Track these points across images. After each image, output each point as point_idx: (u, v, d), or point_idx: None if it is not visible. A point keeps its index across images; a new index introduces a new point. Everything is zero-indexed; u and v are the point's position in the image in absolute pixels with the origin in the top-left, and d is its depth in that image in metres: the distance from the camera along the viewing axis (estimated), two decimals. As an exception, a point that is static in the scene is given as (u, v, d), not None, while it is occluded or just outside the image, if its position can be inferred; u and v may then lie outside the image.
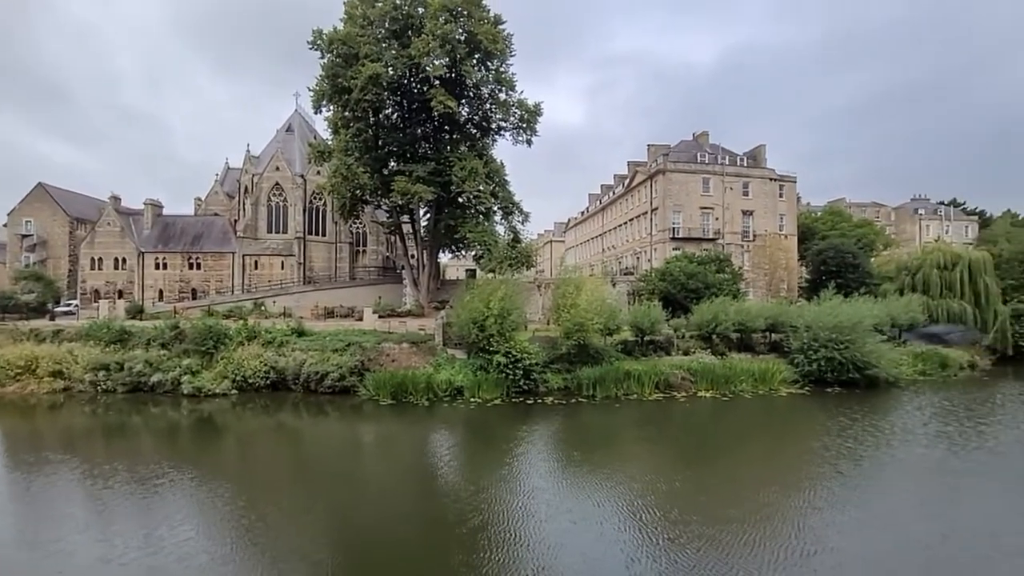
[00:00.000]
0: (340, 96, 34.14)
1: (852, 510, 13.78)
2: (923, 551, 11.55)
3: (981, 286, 41.00)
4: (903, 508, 14.18)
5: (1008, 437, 21.01)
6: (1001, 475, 17.12)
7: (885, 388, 29.70)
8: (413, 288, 39.43)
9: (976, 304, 40.54)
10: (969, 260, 42.10)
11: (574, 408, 25.30)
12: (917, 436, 21.28)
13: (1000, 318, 40.32)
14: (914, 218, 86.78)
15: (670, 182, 50.95)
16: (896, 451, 19.44)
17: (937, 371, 34.37)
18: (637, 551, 11.36)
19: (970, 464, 17.97)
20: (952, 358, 35.93)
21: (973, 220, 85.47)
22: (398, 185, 32.52)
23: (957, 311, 40.06)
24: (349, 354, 27.97)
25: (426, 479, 16.98)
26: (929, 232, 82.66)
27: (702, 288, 37.24)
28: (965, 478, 16.70)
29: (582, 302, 28.32)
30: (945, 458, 18.59)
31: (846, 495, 14.94)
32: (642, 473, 16.79)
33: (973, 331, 39.70)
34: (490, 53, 33.35)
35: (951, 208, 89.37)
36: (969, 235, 79.26)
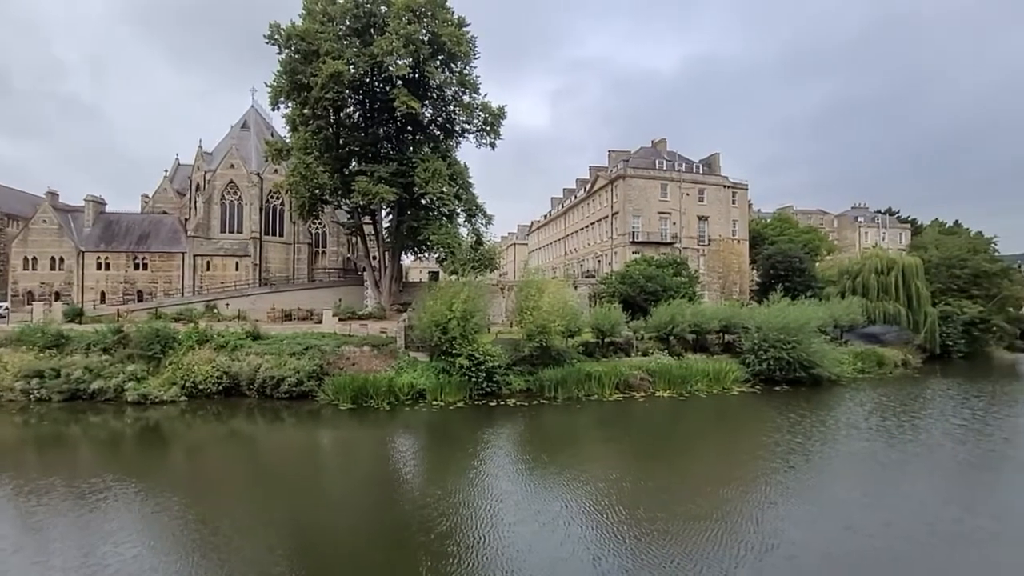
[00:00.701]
0: (299, 93, 33.25)
1: (804, 503, 14.65)
2: (868, 539, 12.33)
3: (913, 290, 44.06)
4: (849, 499, 15.10)
5: (938, 430, 22.75)
6: (934, 465, 18.56)
7: (828, 386, 31.50)
8: (375, 290, 38.78)
9: (909, 306, 43.54)
10: (903, 265, 45.18)
11: (536, 409, 25.57)
12: (860, 430, 22.72)
13: (929, 320, 43.49)
14: (854, 225, 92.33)
15: (630, 187, 52.25)
16: (841, 445, 20.70)
17: (875, 369, 36.73)
18: (606, 550, 11.62)
19: (906, 456, 19.35)
20: (888, 357, 38.49)
21: (906, 228, 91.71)
22: (359, 185, 31.95)
23: (892, 313, 42.91)
24: (307, 358, 27.26)
25: (389, 485, 16.74)
26: (868, 239, 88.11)
27: (660, 291, 38.36)
28: (903, 469, 17.98)
29: (544, 304, 28.66)
30: (884, 451, 19.94)
31: (798, 488, 15.87)
32: (607, 473, 17.14)
33: (906, 331, 42.63)
34: (454, 55, 33.27)
35: (887, 216, 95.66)
36: (903, 242, 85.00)
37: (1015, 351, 50.51)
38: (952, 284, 47.37)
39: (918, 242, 65.08)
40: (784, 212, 78.29)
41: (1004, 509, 14.65)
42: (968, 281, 47.32)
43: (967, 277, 47.43)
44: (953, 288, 47.18)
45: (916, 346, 42.54)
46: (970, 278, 47.40)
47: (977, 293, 46.92)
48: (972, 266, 47.82)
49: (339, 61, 30.71)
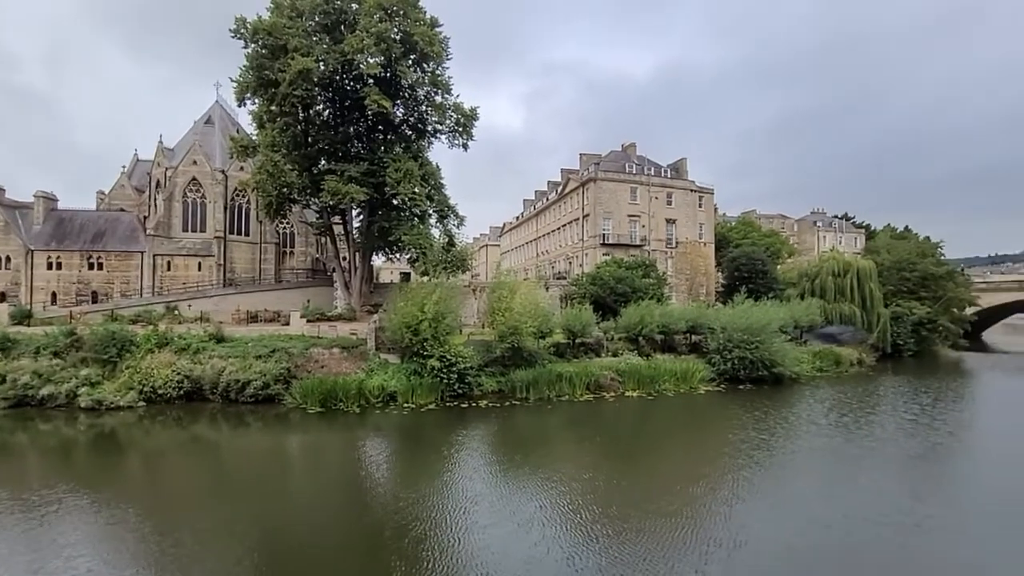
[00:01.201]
0: (266, 89, 32.42)
1: (769, 497, 15.26)
2: (827, 531, 12.97)
3: (867, 291, 46.18)
4: (810, 492, 15.85)
5: (891, 425, 23.99)
6: (887, 459, 19.54)
7: (789, 384, 32.73)
8: (344, 291, 38.14)
9: (863, 307, 45.62)
10: (857, 268, 47.32)
11: (508, 411, 25.69)
12: (820, 427, 23.77)
13: (882, 320, 45.68)
14: (813, 230, 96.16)
15: (600, 190, 53.03)
16: (802, 441, 21.64)
17: (832, 368, 38.34)
18: (581, 549, 11.77)
19: (862, 450, 20.35)
20: (844, 356, 40.25)
21: (861, 232, 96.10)
22: (329, 185, 31.38)
23: (848, 314, 44.87)
24: (274, 361, 26.63)
25: (361, 490, 16.55)
26: (825, 242, 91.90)
27: (630, 292, 39.07)
28: (859, 463, 18.90)
29: (516, 306, 28.82)
30: (842, 446, 20.94)
31: (763, 483, 16.50)
32: (579, 472, 17.38)
33: (861, 331, 44.64)
34: (426, 55, 33.07)
35: (843, 221, 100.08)
36: (858, 246, 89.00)
37: (959, 349, 53.58)
38: (902, 286, 49.82)
39: (872, 246, 68.21)
40: (748, 216, 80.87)
41: (950, 499, 15.62)
42: (917, 284, 49.87)
43: (916, 280, 49.98)
44: (903, 290, 49.64)
45: (870, 345, 44.60)
46: (919, 281, 49.96)
47: (925, 295, 49.50)
48: (921, 269, 50.42)
49: (308, 58, 30.12)
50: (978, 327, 65.04)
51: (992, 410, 29.35)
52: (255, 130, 35.82)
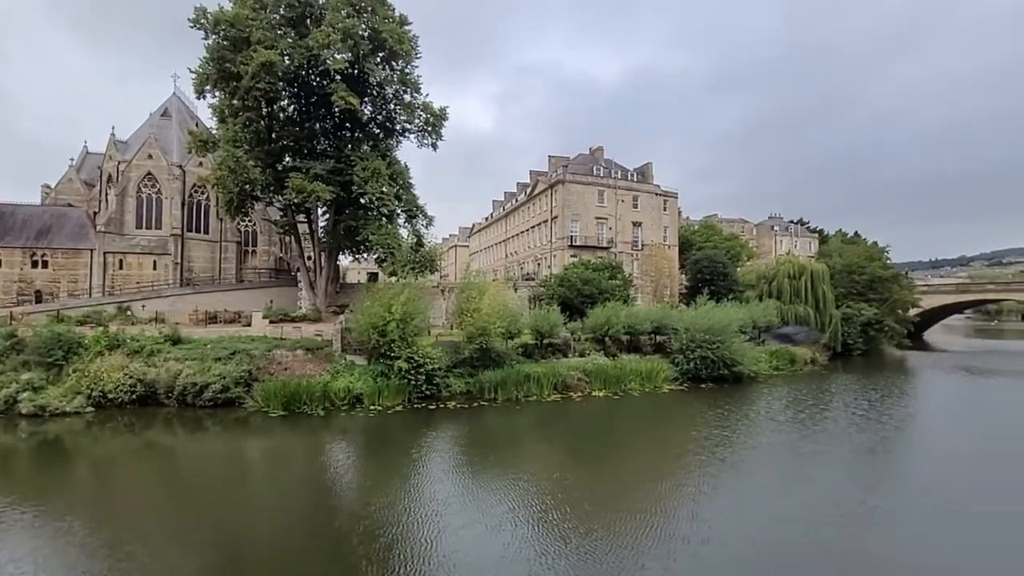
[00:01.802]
0: (228, 82, 31.41)
1: (732, 493, 15.84)
2: (788, 523, 13.59)
3: (820, 293, 48.43)
4: (771, 487, 16.57)
5: (843, 420, 25.29)
6: (841, 453, 20.58)
7: (748, 383, 33.96)
8: (309, 291, 37.29)
9: (816, 308, 47.81)
10: (811, 271, 49.57)
11: (477, 411, 25.72)
12: (778, 423, 24.86)
13: (834, 321, 47.99)
14: (771, 234, 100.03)
15: (569, 193, 53.66)
16: (762, 437, 22.55)
17: (788, 366, 40.01)
18: (554, 549, 11.88)
19: (818, 445, 21.39)
20: (799, 355, 42.06)
21: (815, 237, 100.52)
22: (293, 182, 30.64)
23: (803, 314, 46.94)
24: (235, 363, 25.82)
25: (327, 495, 16.17)
26: (782, 246, 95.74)
27: (597, 293, 39.68)
28: (815, 457, 19.94)
29: (485, 306, 28.87)
30: (799, 441, 21.98)
31: (727, 479, 17.11)
32: (550, 472, 17.56)
33: (814, 331, 46.76)
34: (395, 53, 32.76)
35: (799, 226, 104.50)
36: (812, 249, 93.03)
37: (903, 349, 56.87)
38: (852, 289, 52.45)
39: (824, 250, 71.50)
40: (710, 220, 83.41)
41: (897, 489, 16.67)
42: (865, 286, 52.61)
43: (865, 282, 52.73)
44: (853, 292, 52.26)
45: (822, 345, 46.77)
46: (867, 283, 52.73)
47: (873, 297, 52.28)
48: (869, 272, 53.24)
49: (272, 51, 29.38)
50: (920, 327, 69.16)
51: (933, 405, 31.32)
52: (215, 124, 34.67)
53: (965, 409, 30.18)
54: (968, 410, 29.93)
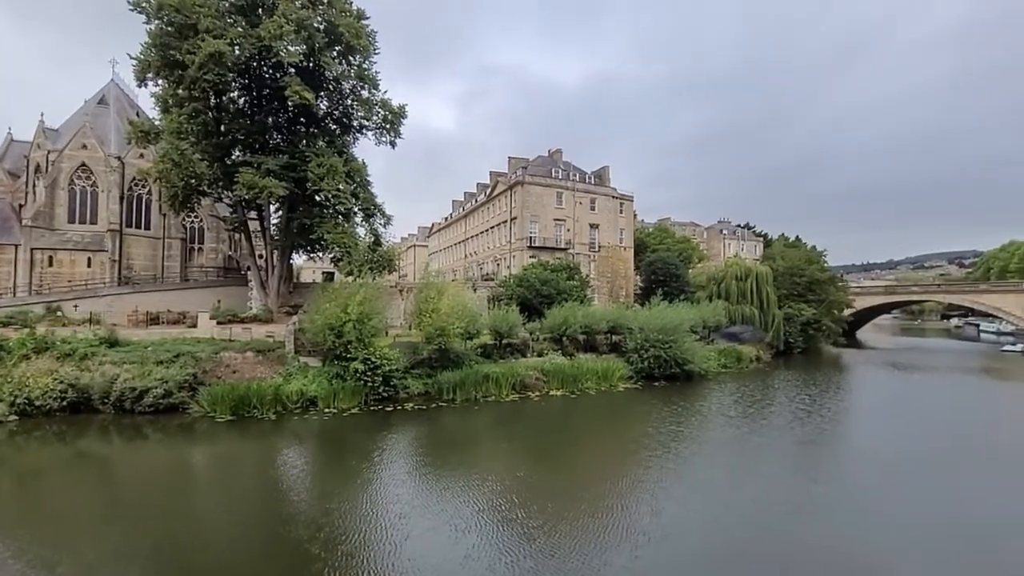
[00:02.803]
0: (172, 71, 29.81)
1: (688, 486, 16.60)
2: (740, 514, 14.32)
3: (765, 294, 51.05)
4: (723, 479, 17.39)
5: (787, 414, 26.85)
6: (785, 445, 21.93)
7: (699, 380, 35.40)
8: (261, 291, 35.92)
9: (761, 309, 50.37)
10: (756, 273, 52.18)
11: (435, 413, 25.60)
12: (729, 418, 26.14)
13: (777, 320, 50.69)
14: (720, 237, 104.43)
15: (528, 194, 54.18)
16: (712, 432, 23.65)
17: (735, 364, 41.95)
18: (520, 548, 11.96)
19: (764, 438, 22.67)
20: (745, 353, 44.19)
21: (760, 241, 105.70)
22: (244, 178, 29.42)
23: (748, 314, 49.31)
24: (178, 366, 24.62)
25: (283, 502, 15.53)
26: (730, 249, 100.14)
27: (555, 294, 40.29)
28: (763, 449, 21.12)
29: (444, 307, 28.79)
30: (747, 435, 23.18)
31: (683, 473, 17.93)
32: (512, 471, 17.71)
33: (759, 331, 49.23)
34: (352, 47, 32.06)
35: (745, 230, 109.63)
36: (757, 253, 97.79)
37: (838, 346, 60.82)
38: (794, 290, 55.58)
39: (768, 253, 75.42)
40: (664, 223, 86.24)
41: (836, 477, 17.98)
42: (805, 288, 55.87)
43: (804, 284, 55.98)
44: (794, 293, 55.38)
45: (767, 343, 49.33)
46: (807, 285, 56.00)
47: (812, 298, 55.59)
48: (808, 275, 56.56)
49: (221, 40, 28.10)
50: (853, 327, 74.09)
51: (865, 398, 33.65)
52: (159, 114, 32.85)
53: (893, 402, 32.63)
54: (895, 403, 32.38)
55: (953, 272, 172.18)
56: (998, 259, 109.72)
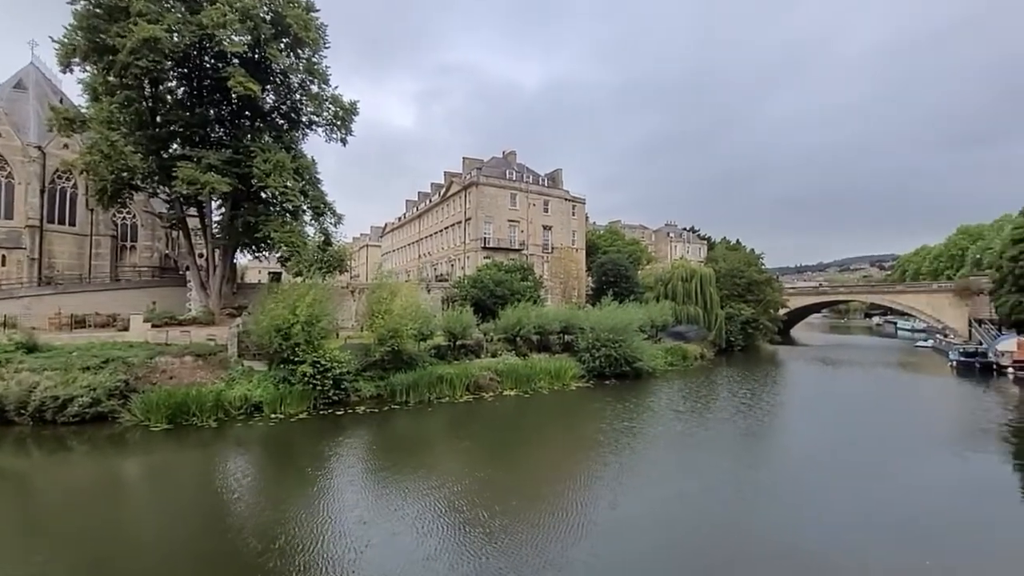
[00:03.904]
0: (101, 56, 27.85)
1: (642, 478, 17.32)
2: (692, 503, 15.15)
3: (708, 295, 53.55)
4: (675, 471, 18.30)
5: (730, 408, 28.47)
6: (729, 436, 23.33)
7: (647, 378, 36.71)
8: (201, 292, 34.12)
9: (705, 309, 52.80)
10: (701, 275, 54.68)
11: (388, 415, 25.26)
12: (676, 412, 27.37)
13: (719, 320, 53.30)
14: (667, 240, 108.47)
15: (482, 195, 54.30)
16: (662, 426, 24.67)
17: (681, 362, 43.75)
18: (484, 549, 11.99)
19: (710, 431, 23.99)
20: (690, 351, 46.18)
21: (704, 243, 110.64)
22: (183, 172, 27.84)
23: (694, 314, 51.58)
24: (108, 372, 23.04)
25: (228, 514, 14.61)
26: (676, 251, 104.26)
27: (509, 294, 40.61)
28: (710, 441, 22.39)
29: (397, 308, 28.43)
30: (694, 428, 24.45)
31: (637, 467, 18.62)
32: (470, 471, 17.77)
33: (703, 330, 51.60)
34: (300, 40, 31.06)
35: (691, 233, 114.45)
36: (701, 255, 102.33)
37: (774, 344, 64.64)
38: (734, 291, 58.60)
39: (712, 255, 79.17)
40: (614, 226, 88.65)
41: (776, 466, 19.47)
42: (745, 288, 59.04)
43: (744, 285, 59.15)
44: (735, 294, 58.41)
45: (710, 342, 51.77)
46: (746, 286, 59.19)
47: (751, 298, 58.82)
48: (747, 276, 59.80)
49: (157, 26, 26.53)
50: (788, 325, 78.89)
51: (799, 391, 36.16)
52: (86, 102, 30.64)
53: (823, 394, 35.34)
54: (826, 395, 35.11)
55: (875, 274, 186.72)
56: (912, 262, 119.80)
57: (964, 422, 26.35)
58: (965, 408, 30.22)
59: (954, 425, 25.91)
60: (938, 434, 24.05)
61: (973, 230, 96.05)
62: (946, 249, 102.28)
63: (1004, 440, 22.76)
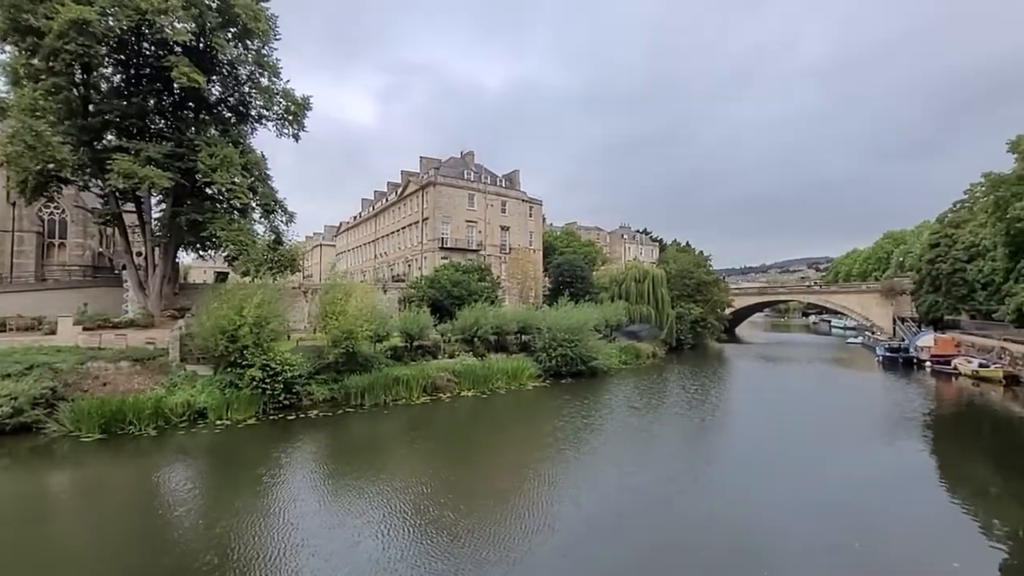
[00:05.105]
0: (24, 37, 25.79)
1: (601, 472, 17.93)
2: (652, 496, 15.72)
3: (660, 295, 55.42)
4: (633, 464, 18.89)
5: (682, 403, 29.72)
6: (683, 430, 24.61)
7: (602, 376, 37.62)
8: (139, 293, 32.11)
9: (657, 308, 54.61)
10: (653, 276, 56.52)
11: (342, 419, 24.71)
12: (632, 409, 28.36)
13: (670, 319, 55.26)
14: (621, 241, 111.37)
15: (440, 195, 53.98)
16: (617, 422, 25.51)
17: (634, 360, 45.07)
18: (452, 551, 11.93)
19: (664, 425, 25.21)
20: (643, 350, 47.64)
21: (656, 245, 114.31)
22: (119, 165, 26.07)
23: (646, 314, 53.25)
24: (32, 379, 21.34)
25: (167, 530, 13.49)
26: (630, 253, 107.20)
27: (466, 295, 40.59)
28: (665, 435, 23.58)
29: (351, 309, 27.89)
30: (648, 423, 25.45)
31: (597, 463, 19.12)
32: (431, 474, 17.66)
33: (655, 329, 53.35)
34: (250, 31, 29.82)
35: (644, 235, 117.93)
36: (654, 256, 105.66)
37: (721, 342, 67.71)
38: (684, 291, 60.92)
39: (663, 257, 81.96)
40: (570, 227, 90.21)
41: (723, 455, 20.65)
42: (694, 289, 61.48)
43: (693, 286, 61.59)
44: (684, 294, 60.72)
45: (662, 340, 53.59)
46: (695, 287, 61.66)
47: (699, 298, 61.32)
48: (696, 277, 62.31)
49: (88, 8, 24.80)
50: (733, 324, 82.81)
51: (744, 386, 38.17)
52: (7, 87, 28.27)
53: (765, 388, 37.44)
54: (767, 389, 37.21)
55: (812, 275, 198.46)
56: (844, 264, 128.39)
57: (889, 413, 28.57)
58: (890, 400, 32.74)
59: (881, 416, 28.02)
60: (867, 424, 25.96)
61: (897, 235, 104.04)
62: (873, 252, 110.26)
63: (924, 428, 25.06)
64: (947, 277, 49.00)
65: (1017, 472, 18.67)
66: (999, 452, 21.78)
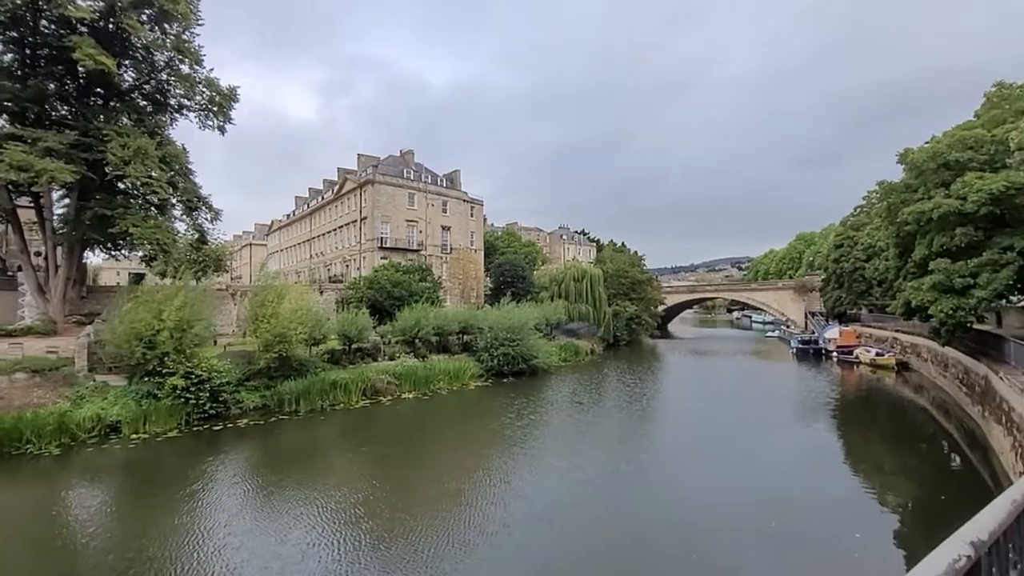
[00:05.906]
0: None
1: (546, 467, 18.34)
2: (591, 484, 16.40)
3: (597, 294, 57.24)
4: (579, 457, 19.37)
5: (620, 398, 30.89)
6: (621, 423, 25.63)
7: (543, 374, 38.33)
8: (39, 297, 28.87)
9: (595, 307, 56.36)
10: (591, 275, 58.27)
11: (275, 427, 23.62)
12: (574, 404, 29.32)
13: (607, 317, 57.22)
14: (561, 242, 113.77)
15: (379, 193, 52.71)
16: (559, 418, 26.33)
17: (574, 357, 46.27)
18: (410, 557, 11.77)
19: (605, 419, 26.26)
20: (582, 347, 49.01)
21: (593, 245, 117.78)
22: (12, 156, 23.30)
23: (584, 312, 54.79)
24: (-95, 396, 18.77)
25: (72, 559, 12.28)
26: (569, 253, 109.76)
27: (407, 295, 39.95)
28: (607, 428, 24.48)
29: (284, 311, 26.70)
30: (590, 417, 26.43)
31: (544, 457, 19.79)
32: (373, 480, 17.35)
33: (593, 327, 55.02)
34: (167, 13, 27.68)
35: (582, 236, 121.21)
36: (591, 256, 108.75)
37: (654, 338, 70.94)
38: (620, 290, 63.24)
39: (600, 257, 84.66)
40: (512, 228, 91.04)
41: (658, 445, 21.90)
42: (629, 287, 63.99)
43: (628, 284, 64.09)
44: (620, 293, 63.06)
45: (599, 337, 55.37)
46: (630, 285, 64.19)
47: (634, 296, 63.91)
48: (631, 276, 64.88)
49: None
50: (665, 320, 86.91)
51: (676, 378, 40.27)
52: None
53: (695, 380, 39.69)
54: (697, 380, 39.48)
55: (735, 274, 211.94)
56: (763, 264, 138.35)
57: (804, 399, 31.23)
58: (802, 388, 35.77)
59: (797, 403, 30.55)
60: (785, 411, 28.22)
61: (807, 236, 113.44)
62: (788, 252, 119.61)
63: (832, 413, 27.63)
64: (849, 275, 54.03)
65: (907, 448, 21.05)
66: (892, 432, 24.44)
